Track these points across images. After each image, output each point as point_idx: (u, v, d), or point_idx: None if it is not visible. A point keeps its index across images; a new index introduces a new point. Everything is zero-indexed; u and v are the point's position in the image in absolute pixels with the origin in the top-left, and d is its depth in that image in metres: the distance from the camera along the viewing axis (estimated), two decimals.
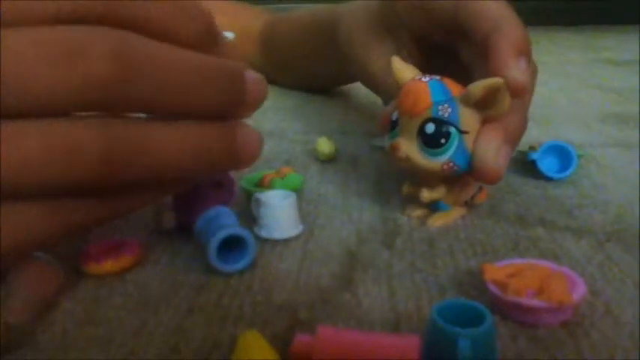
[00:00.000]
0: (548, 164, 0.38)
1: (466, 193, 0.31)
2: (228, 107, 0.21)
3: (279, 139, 0.49)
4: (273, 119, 0.56)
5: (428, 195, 0.30)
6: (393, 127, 0.30)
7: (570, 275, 0.23)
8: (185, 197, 0.28)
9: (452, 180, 0.30)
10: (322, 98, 0.65)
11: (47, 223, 0.18)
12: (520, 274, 0.23)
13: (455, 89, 0.28)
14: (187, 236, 0.28)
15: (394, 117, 0.30)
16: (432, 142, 0.28)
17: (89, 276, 0.26)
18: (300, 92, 0.67)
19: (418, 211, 0.32)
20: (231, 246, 0.26)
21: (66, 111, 0.17)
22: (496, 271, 0.23)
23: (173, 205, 0.29)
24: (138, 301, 0.24)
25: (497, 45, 0.29)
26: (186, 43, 0.19)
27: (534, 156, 0.37)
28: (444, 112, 0.28)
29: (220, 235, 0.25)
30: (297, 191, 0.34)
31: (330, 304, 0.24)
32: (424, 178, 0.30)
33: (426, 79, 0.28)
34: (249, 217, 0.30)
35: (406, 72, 0.30)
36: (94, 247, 0.27)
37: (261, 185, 0.34)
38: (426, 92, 0.28)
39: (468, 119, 0.28)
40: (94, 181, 0.17)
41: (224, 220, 0.26)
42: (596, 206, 0.33)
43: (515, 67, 0.28)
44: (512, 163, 0.39)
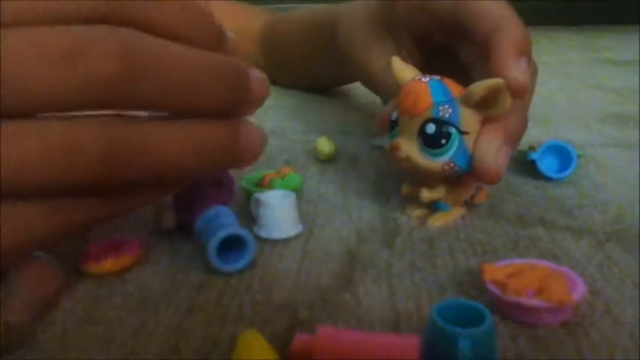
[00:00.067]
0: (548, 164, 0.38)
1: (466, 193, 0.31)
2: (232, 105, 0.21)
3: (279, 138, 0.49)
4: (274, 118, 0.56)
5: (428, 195, 0.30)
6: (392, 127, 0.30)
7: (570, 275, 0.23)
8: (185, 197, 0.28)
9: (452, 180, 0.30)
10: (322, 98, 0.65)
11: (47, 222, 0.18)
12: (520, 274, 0.23)
13: (455, 89, 0.28)
14: (187, 236, 0.28)
15: (393, 117, 0.30)
16: (432, 143, 0.28)
17: (89, 276, 0.26)
18: (300, 92, 0.67)
19: (418, 211, 0.32)
20: (231, 246, 0.26)
21: (66, 111, 0.17)
22: (496, 271, 0.23)
23: (173, 204, 0.29)
24: (138, 300, 0.24)
25: (498, 45, 0.29)
26: (190, 42, 0.19)
27: (534, 156, 0.37)
28: (445, 112, 0.28)
29: (220, 234, 0.25)
30: (297, 191, 0.34)
31: (330, 303, 0.24)
32: (424, 178, 0.30)
33: (426, 80, 0.28)
34: (249, 216, 0.30)
35: (406, 72, 0.30)
36: (94, 246, 0.27)
37: (261, 185, 0.34)
38: (426, 92, 0.28)
39: (468, 120, 0.28)
40: (94, 180, 0.17)
41: (224, 219, 0.26)
42: (596, 206, 0.33)
43: (516, 67, 0.28)
44: (512, 163, 0.39)
